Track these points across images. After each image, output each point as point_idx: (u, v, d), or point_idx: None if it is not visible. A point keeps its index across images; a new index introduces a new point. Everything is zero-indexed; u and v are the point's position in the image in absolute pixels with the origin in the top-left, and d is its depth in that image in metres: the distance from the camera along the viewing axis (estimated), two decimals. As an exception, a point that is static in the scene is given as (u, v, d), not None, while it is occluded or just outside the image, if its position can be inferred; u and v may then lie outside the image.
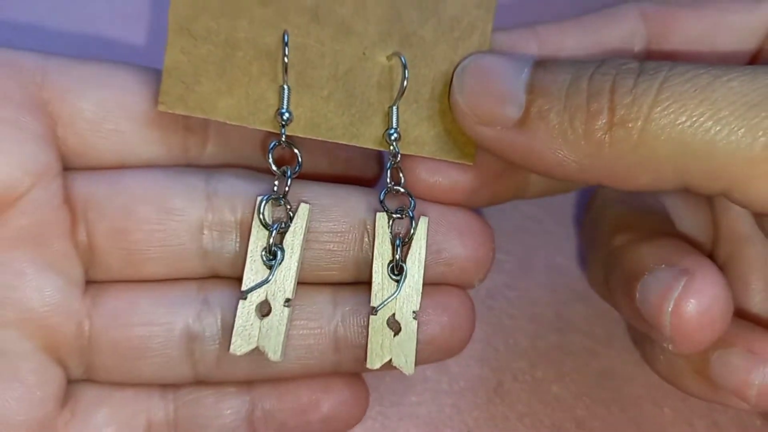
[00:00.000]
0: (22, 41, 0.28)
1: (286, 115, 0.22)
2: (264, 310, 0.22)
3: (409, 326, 0.22)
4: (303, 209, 0.22)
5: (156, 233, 0.22)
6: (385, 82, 0.22)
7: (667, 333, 0.21)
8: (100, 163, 0.23)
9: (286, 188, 0.22)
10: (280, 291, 0.22)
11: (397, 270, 0.22)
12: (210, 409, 0.23)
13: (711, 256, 0.26)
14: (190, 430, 0.23)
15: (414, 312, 0.22)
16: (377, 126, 0.22)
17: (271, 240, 0.22)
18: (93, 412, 0.23)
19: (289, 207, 0.22)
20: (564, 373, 0.28)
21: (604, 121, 0.19)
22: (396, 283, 0.22)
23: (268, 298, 0.22)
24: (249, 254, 0.22)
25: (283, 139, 0.22)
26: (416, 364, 0.22)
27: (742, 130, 0.18)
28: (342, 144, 0.22)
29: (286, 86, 0.22)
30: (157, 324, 0.22)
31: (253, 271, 0.22)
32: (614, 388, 0.28)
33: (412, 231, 0.22)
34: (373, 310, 0.22)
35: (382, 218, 0.23)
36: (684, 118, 0.18)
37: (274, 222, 0.22)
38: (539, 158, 0.20)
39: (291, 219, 0.22)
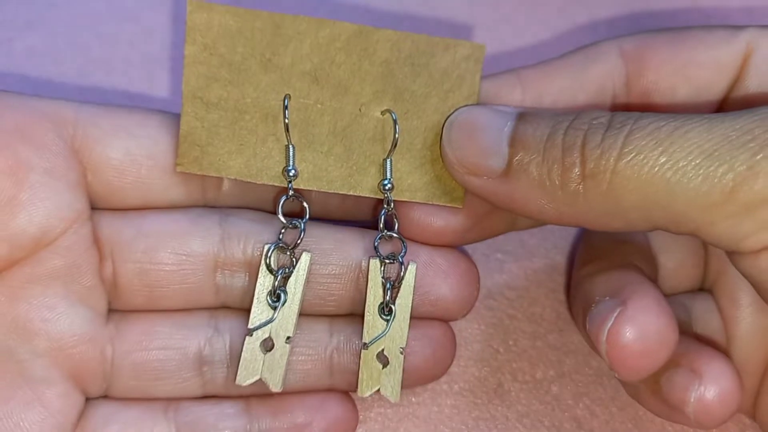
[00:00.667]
0: (54, 92, 0.30)
1: (293, 171, 0.24)
2: (267, 345, 0.24)
3: (396, 360, 0.24)
4: (305, 258, 0.24)
5: (174, 273, 0.24)
6: (380, 136, 0.24)
7: (608, 362, 0.22)
8: (125, 205, 0.25)
9: (298, 240, 0.24)
10: (282, 329, 0.24)
11: (387, 310, 0.24)
12: (210, 428, 0.24)
13: (703, 275, 0.27)
14: None
15: (401, 348, 0.24)
16: (373, 176, 0.24)
17: (276, 284, 0.24)
18: (100, 431, 0.24)
19: (292, 255, 0.24)
20: (564, 373, 0.28)
21: (577, 173, 0.21)
22: (385, 322, 0.24)
23: (272, 335, 0.24)
24: (256, 296, 0.24)
25: (291, 193, 0.24)
26: (401, 389, 0.25)
27: (699, 178, 0.19)
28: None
29: (291, 146, 0.24)
30: (173, 348, 0.25)
31: (258, 311, 0.24)
32: (614, 387, 0.28)
33: (401, 275, 0.25)
34: (365, 345, 0.24)
35: (374, 264, 0.25)
36: (646, 169, 0.20)
37: (279, 268, 0.24)
38: (521, 205, 0.22)
39: (294, 265, 0.24)
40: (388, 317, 0.24)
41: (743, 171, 0.19)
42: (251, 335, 0.24)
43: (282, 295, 0.24)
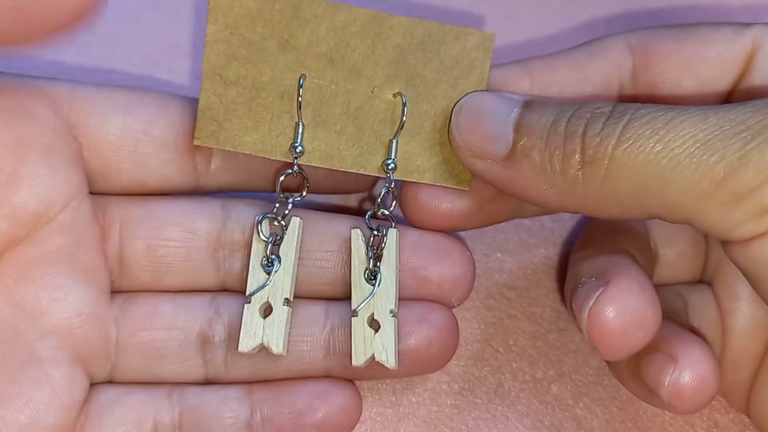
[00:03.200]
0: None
1: (299, 148, 0.25)
2: (266, 310, 0.25)
3: (388, 323, 0.24)
4: (294, 222, 0.25)
5: (180, 250, 0.25)
6: (391, 118, 0.25)
7: (589, 340, 0.23)
8: (120, 182, 0.25)
9: (286, 211, 0.25)
10: (279, 292, 0.25)
11: (372, 275, 0.25)
12: (212, 413, 0.24)
13: (703, 267, 0.27)
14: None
15: (391, 311, 0.24)
16: (382, 156, 0.25)
17: (269, 250, 0.25)
18: (105, 415, 0.24)
19: (283, 223, 0.25)
20: (564, 373, 0.28)
21: (577, 159, 0.21)
22: (372, 287, 0.25)
23: (269, 299, 0.25)
24: (251, 265, 0.25)
25: (296, 169, 0.25)
26: (399, 375, 0.25)
27: (692, 167, 0.20)
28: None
29: (301, 123, 0.25)
30: (177, 329, 0.25)
31: (254, 279, 0.25)
32: (614, 387, 0.28)
33: (383, 241, 0.25)
34: (354, 312, 0.24)
35: (356, 234, 0.25)
36: (642, 157, 0.20)
37: (270, 235, 0.25)
38: (523, 189, 0.23)
39: (285, 232, 0.25)
40: (374, 282, 0.25)
41: (734, 160, 0.19)
42: (249, 302, 0.24)
43: (275, 259, 0.25)
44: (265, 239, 0.25)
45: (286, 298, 0.24)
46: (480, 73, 0.25)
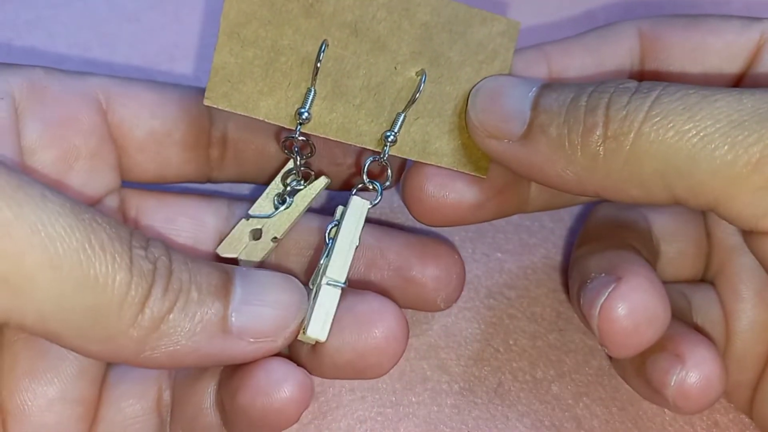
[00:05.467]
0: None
1: (305, 115, 0.23)
2: (256, 235, 0.25)
3: (321, 292, 0.23)
4: (321, 181, 0.26)
5: (190, 239, 0.26)
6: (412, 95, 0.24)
7: (599, 337, 0.22)
8: (142, 177, 0.26)
9: (300, 167, 0.25)
10: (273, 228, 0.25)
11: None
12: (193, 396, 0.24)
13: (705, 266, 0.27)
14: (178, 411, 0.25)
15: (330, 280, 0.23)
16: (402, 135, 0.24)
17: (286, 190, 0.26)
18: (114, 388, 0.24)
19: (302, 179, 0.26)
20: (564, 373, 0.28)
21: (599, 133, 0.20)
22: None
23: (263, 228, 0.25)
24: (266, 192, 0.26)
25: (297, 136, 0.24)
26: (331, 374, 0.23)
27: (725, 147, 0.19)
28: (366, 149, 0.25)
29: (313, 89, 0.23)
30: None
31: (262, 205, 0.26)
32: (614, 387, 0.28)
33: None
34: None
35: (338, 211, 0.24)
36: (671, 134, 0.19)
37: (292, 180, 0.26)
38: (540, 170, 0.22)
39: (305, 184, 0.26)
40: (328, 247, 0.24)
41: None
42: (248, 219, 0.25)
43: (287, 199, 0.25)
44: (286, 184, 0.26)
45: (275, 237, 0.25)
46: (503, 60, 0.24)
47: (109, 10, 0.33)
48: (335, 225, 0.24)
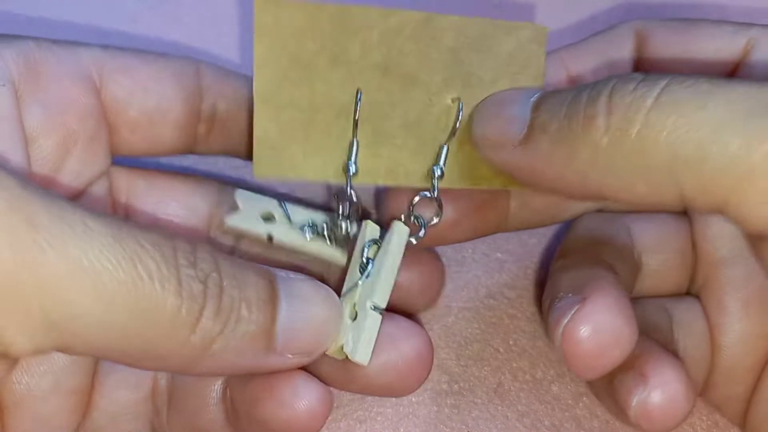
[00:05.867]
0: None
1: (353, 168, 0.23)
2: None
3: (363, 315, 0.23)
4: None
5: (180, 226, 0.26)
6: (452, 124, 0.24)
7: (563, 359, 0.22)
8: (130, 152, 0.26)
9: (349, 216, 0.25)
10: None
11: (364, 266, 0.24)
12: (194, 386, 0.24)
13: (691, 278, 0.27)
14: (178, 403, 0.25)
15: (373, 305, 0.23)
16: (449, 166, 0.24)
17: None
18: (106, 377, 0.24)
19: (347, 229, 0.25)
20: (564, 373, 0.28)
21: (601, 123, 0.19)
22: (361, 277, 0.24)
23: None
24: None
25: (349, 189, 0.24)
26: (364, 390, 0.23)
27: (739, 140, 0.17)
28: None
29: (356, 140, 0.23)
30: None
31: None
32: (614, 387, 0.28)
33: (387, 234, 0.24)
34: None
35: (366, 223, 0.24)
36: (681, 123, 0.18)
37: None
38: (542, 173, 0.21)
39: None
40: (365, 272, 0.23)
41: None
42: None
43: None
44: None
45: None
46: (536, 66, 0.24)
47: (110, 10, 0.33)
48: (374, 244, 0.24)
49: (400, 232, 0.23)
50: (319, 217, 0.26)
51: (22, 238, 0.16)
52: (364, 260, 0.23)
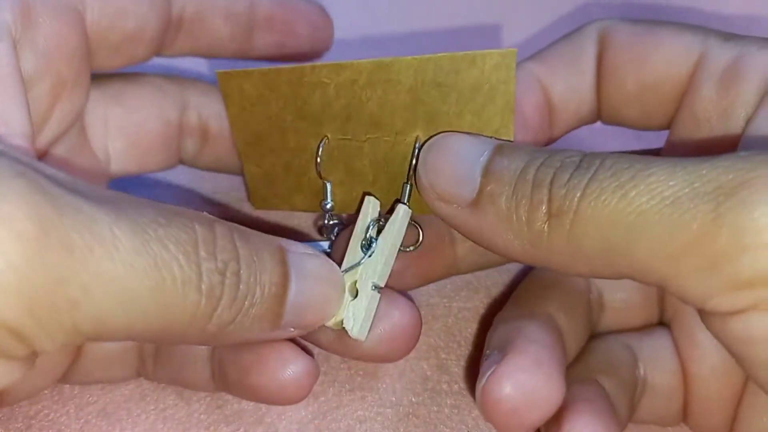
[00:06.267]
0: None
1: (329, 205, 0.26)
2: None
3: (365, 294, 0.24)
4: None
5: (161, 138, 0.29)
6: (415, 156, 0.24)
7: (484, 416, 0.22)
8: (105, 69, 0.27)
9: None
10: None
11: (367, 245, 0.24)
12: None
13: (660, 310, 0.27)
14: (166, 356, 0.26)
15: (374, 284, 0.24)
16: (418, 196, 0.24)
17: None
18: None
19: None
20: (564, 373, 0.28)
21: (543, 210, 0.20)
22: (363, 255, 0.24)
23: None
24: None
25: (327, 222, 0.27)
26: (360, 356, 0.25)
27: (660, 226, 0.18)
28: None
29: (325, 182, 0.26)
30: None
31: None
32: (614, 387, 0.28)
33: (388, 216, 0.25)
34: None
35: (368, 200, 0.25)
36: (607, 212, 0.19)
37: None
38: (488, 238, 0.22)
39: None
40: (367, 251, 0.24)
41: (707, 222, 0.17)
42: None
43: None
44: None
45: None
46: (504, 95, 0.23)
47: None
48: (377, 223, 0.25)
49: (404, 214, 0.24)
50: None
51: (58, 260, 0.17)
52: (368, 239, 0.24)
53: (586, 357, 0.26)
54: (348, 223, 0.27)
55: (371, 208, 0.25)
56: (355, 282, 0.24)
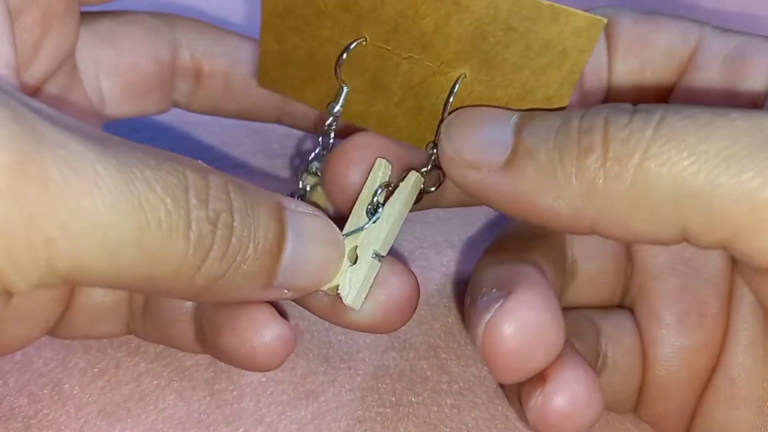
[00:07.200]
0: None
1: (336, 108, 0.24)
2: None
3: (366, 262, 0.22)
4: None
5: (156, 78, 0.28)
6: (455, 97, 0.22)
7: (484, 359, 0.21)
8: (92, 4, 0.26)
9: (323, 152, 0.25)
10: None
11: (373, 211, 0.23)
12: None
13: (625, 292, 0.26)
14: (153, 312, 0.25)
15: (375, 252, 0.22)
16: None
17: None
18: None
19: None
20: (563, 373, 0.28)
21: (597, 155, 0.18)
22: (368, 221, 0.23)
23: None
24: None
25: (329, 126, 0.24)
26: (354, 326, 0.23)
27: (751, 172, 0.17)
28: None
29: (345, 87, 0.24)
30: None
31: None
32: (613, 387, 0.28)
33: (399, 182, 0.23)
34: None
35: (379, 163, 0.23)
36: (685, 155, 0.17)
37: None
38: (526, 202, 0.20)
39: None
40: (372, 217, 0.23)
41: None
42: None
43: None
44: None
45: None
46: (574, 64, 0.20)
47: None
48: (386, 188, 0.23)
49: (415, 182, 0.23)
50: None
51: (32, 196, 0.16)
52: (374, 204, 0.23)
53: None
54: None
55: (382, 171, 0.23)
56: (356, 247, 0.22)
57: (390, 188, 0.23)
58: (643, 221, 0.18)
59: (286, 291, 0.21)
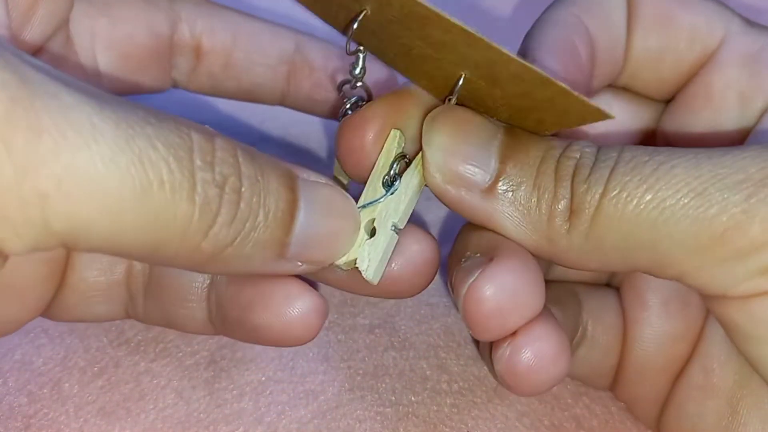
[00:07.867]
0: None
1: (359, 72, 0.23)
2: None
3: (383, 234, 0.22)
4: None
5: (152, 51, 0.28)
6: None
7: (463, 317, 0.21)
8: None
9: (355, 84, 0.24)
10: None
11: (390, 182, 0.22)
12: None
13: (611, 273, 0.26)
14: (157, 291, 0.25)
15: (394, 224, 0.22)
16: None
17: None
18: (79, 253, 0.24)
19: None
20: (563, 373, 0.28)
21: (566, 206, 0.20)
22: (385, 192, 0.22)
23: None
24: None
25: (349, 45, 0.22)
26: (373, 293, 0.23)
27: (688, 220, 0.18)
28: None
29: (361, 54, 0.22)
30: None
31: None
32: (613, 387, 0.28)
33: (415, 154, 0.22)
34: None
35: (394, 134, 0.22)
36: (630, 208, 0.19)
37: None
38: (501, 227, 0.21)
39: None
40: (389, 189, 0.22)
41: (737, 214, 0.18)
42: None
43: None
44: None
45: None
46: (572, 122, 0.20)
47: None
48: (402, 159, 0.22)
49: None
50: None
51: (23, 146, 0.15)
52: (392, 176, 0.22)
53: None
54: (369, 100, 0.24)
55: (397, 142, 0.22)
56: (373, 220, 0.22)
57: (406, 160, 0.23)
58: (598, 262, 0.20)
59: (300, 263, 0.20)
